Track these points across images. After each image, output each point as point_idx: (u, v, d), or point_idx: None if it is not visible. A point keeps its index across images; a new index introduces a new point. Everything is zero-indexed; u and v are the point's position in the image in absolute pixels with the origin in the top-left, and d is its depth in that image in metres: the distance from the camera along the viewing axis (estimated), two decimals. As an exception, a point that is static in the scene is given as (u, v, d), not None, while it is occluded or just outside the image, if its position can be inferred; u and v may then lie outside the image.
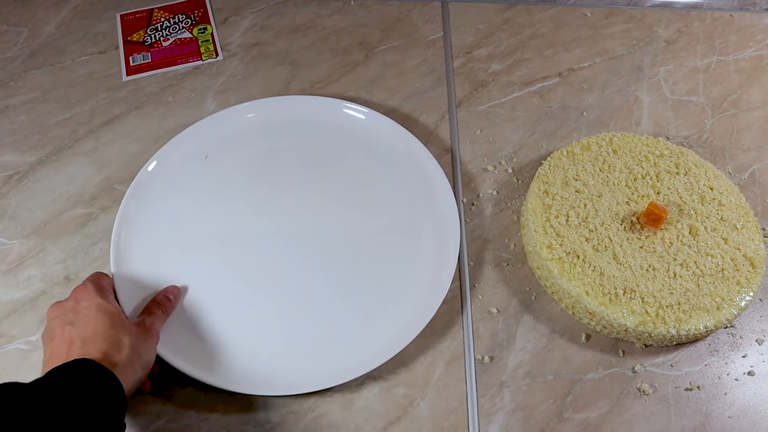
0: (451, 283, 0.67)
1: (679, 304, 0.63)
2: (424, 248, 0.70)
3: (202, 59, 0.87)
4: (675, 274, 0.65)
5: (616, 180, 0.71)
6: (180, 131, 0.77)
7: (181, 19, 0.91)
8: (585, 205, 0.69)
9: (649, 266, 0.65)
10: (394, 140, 0.76)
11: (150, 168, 0.74)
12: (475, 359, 0.65)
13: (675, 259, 0.66)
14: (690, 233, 0.68)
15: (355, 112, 0.78)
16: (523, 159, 0.78)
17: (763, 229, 0.74)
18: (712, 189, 0.71)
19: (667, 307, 0.63)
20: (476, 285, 0.69)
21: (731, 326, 0.67)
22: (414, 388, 0.63)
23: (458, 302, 0.68)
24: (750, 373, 0.65)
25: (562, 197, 0.70)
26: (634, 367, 0.64)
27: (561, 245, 0.66)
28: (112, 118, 0.82)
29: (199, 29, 0.91)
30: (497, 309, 0.67)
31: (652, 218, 0.67)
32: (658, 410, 0.62)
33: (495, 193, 0.75)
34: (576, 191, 0.70)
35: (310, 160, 0.76)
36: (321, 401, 0.62)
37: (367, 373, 0.62)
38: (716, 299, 0.64)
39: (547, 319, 0.67)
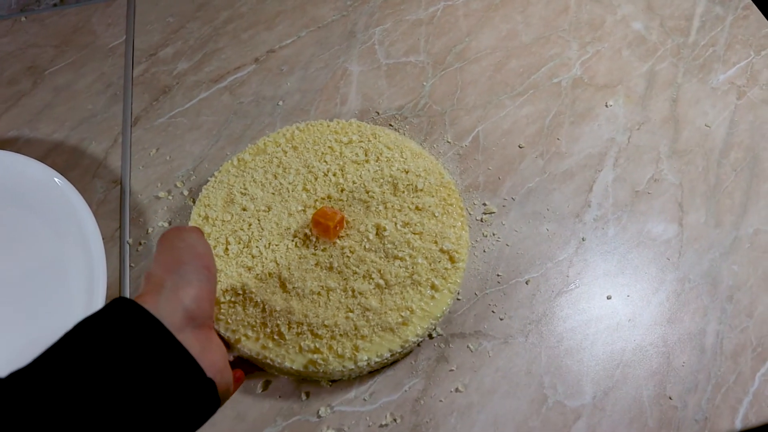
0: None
1: (356, 329, 0.52)
2: (71, 316, 0.58)
3: None
4: (354, 292, 0.54)
5: (290, 185, 0.59)
6: None
7: None
8: (249, 226, 0.57)
9: (322, 288, 0.54)
10: (30, 184, 0.63)
11: None
12: None
13: (355, 273, 0.55)
14: (377, 235, 0.56)
15: None
16: (202, 175, 0.66)
17: (484, 204, 0.63)
18: (407, 173, 0.60)
19: (341, 336, 0.52)
20: (138, 346, 0.57)
21: (437, 335, 0.56)
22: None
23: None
24: (457, 390, 0.54)
25: (223, 221, 0.58)
26: (318, 411, 0.54)
27: (219, 281, 0.55)
28: None
29: None
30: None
31: (321, 229, 0.56)
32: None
33: (167, 224, 0.63)
34: (242, 209, 0.58)
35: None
36: None
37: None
38: (403, 313, 0.53)
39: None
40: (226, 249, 0.56)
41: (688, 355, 0.55)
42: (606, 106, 0.68)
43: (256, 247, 0.56)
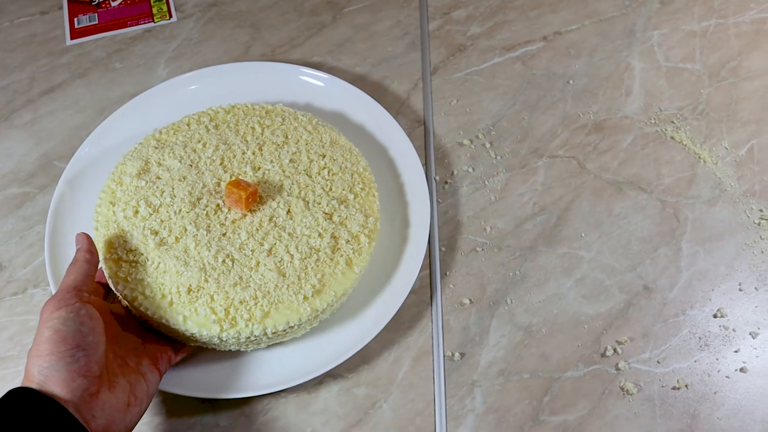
0: (420, 271, 0.61)
1: (255, 299, 0.52)
2: (390, 232, 0.63)
3: (154, 21, 0.79)
4: (258, 263, 0.54)
5: (209, 159, 0.60)
6: (127, 101, 0.70)
7: (133, -25, 0.83)
8: (162, 193, 0.58)
9: (227, 256, 0.54)
10: (356, 111, 0.69)
11: (91, 143, 0.67)
12: (444, 356, 0.59)
13: (261, 245, 0.55)
14: (288, 213, 0.57)
15: (314, 79, 0.71)
16: (502, 132, 0.71)
17: (761, 210, 0.68)
18: (323, 156, 0.61)
19: (240, 303, 0.52)
20: (448, 273, 0.63)
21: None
22: (377, 387, 0.57)
23: (427, 292, 0.62)
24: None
25: (136, 187, 0.58)
26: (617, 364, 0.59)
27: (125, 242, 0.55)
28: (54, 87, 0.75)
29: (153, -14, 0.82)
30: (470, 300, 0.62)
31: (233, 199, 0.56)
32: (642, 411, 0.57)
33: (471, 170, 0.69)
34: (157, 178, 0.59)
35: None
36: (274, 403, 0.56)
37: (327, 372, 0.57)
38: (306, 287, 0.53)
39: (525, 311, 0.62)
40: (136, 212, 0.57)
41: None
42: None
43: (166, 212, 0.56)
